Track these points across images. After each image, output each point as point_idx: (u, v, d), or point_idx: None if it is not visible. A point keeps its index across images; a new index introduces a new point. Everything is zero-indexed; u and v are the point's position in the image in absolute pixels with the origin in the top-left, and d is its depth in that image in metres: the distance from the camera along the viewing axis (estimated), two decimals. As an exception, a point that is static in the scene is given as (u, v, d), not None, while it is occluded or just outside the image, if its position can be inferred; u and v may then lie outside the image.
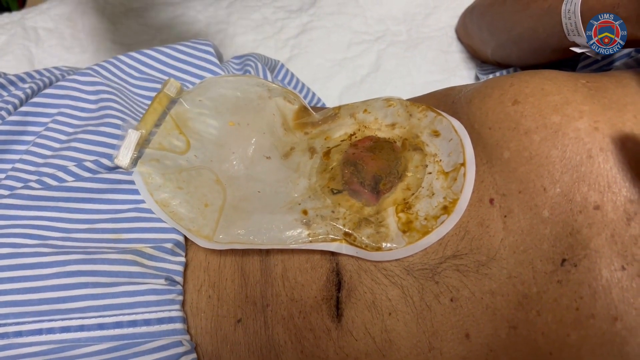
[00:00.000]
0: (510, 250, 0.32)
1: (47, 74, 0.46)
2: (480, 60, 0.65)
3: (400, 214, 0.35)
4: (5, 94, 0.44)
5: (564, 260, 0.31)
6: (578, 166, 0.31)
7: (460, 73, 0.65)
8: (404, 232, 0.35)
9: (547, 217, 0.32)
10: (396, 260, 0.34)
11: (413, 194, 0.36)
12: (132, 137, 0.39)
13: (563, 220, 0.31)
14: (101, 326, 0.35)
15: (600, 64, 0.46)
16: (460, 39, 0.67)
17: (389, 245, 0.34)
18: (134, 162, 0.40)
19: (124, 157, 0.39)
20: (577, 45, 0.40)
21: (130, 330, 0.35)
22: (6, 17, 0.66)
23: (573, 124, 0.32)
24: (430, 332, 0.33)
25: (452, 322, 0.32)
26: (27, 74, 0.46)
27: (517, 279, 0.32)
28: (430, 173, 0.36)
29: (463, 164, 0.35)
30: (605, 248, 0.30)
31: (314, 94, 0.60)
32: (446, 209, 0.34)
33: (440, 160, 0.37)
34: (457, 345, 0.32)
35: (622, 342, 0.28)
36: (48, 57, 0.64)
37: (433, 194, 0.35)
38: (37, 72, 0.47)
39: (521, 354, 0.31)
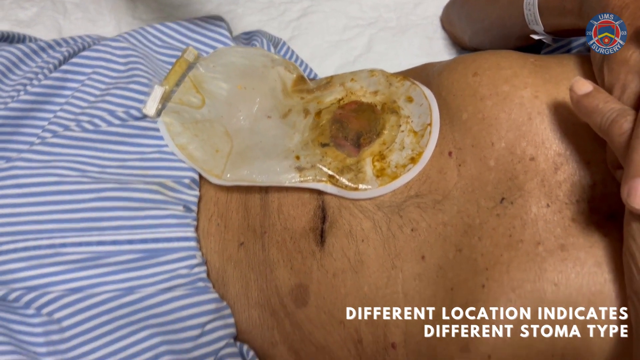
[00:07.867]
0: (461, 191, 0.38)
1: (80, 41, 0.53)
2: (461, 46, 0.70)
3: (376, 163, 0.42)
4: (45, 55, 0.50)
5: (502, 199, 0.36)
6: (520, 126, 0.37)
7: (442, 57, 0.69)
8: (377, 177, 0.41)
9: (493, 166, 0.37)
10: (370, 198, 0.40)
11: (387, 147, 0.43)
12: (158, 91, 0.46)
13: (505, 168, 0.37)
14: (130, 242, 0.42)
15: (560, 51, 0.52)
16: (443, 27, 0.72)
17: (364, 186, 0.41)
18: (158, 113, 0.47)
19: (150, 108, 0.46)
20: (536, 33, 0.46)
21: (154, 245, 0.42)
22: (36, -10, 0.73)
23: (519, 93, 0.37)
24: (393, 255, 0.39)
25: (411, 247, 0.38)
26: (63, 39, 0.53)
27: (465, 213, 0.37)
28: (402, 131, 0.43)
29: (430, 124, 0.42)
30: (535, 190, 0.35)
31: (311, 70, 0.65)
32: (413, 160, 0.41)
33: (412, 121, 0.44)
34: (414, 264, 0.38)
35: (541, 260, 0.34)
36: (74, 28, 0.70)
37: (403, 148, 0.42)
38: (72, 38, 0.53)
39: (463, 270, 0.36)
